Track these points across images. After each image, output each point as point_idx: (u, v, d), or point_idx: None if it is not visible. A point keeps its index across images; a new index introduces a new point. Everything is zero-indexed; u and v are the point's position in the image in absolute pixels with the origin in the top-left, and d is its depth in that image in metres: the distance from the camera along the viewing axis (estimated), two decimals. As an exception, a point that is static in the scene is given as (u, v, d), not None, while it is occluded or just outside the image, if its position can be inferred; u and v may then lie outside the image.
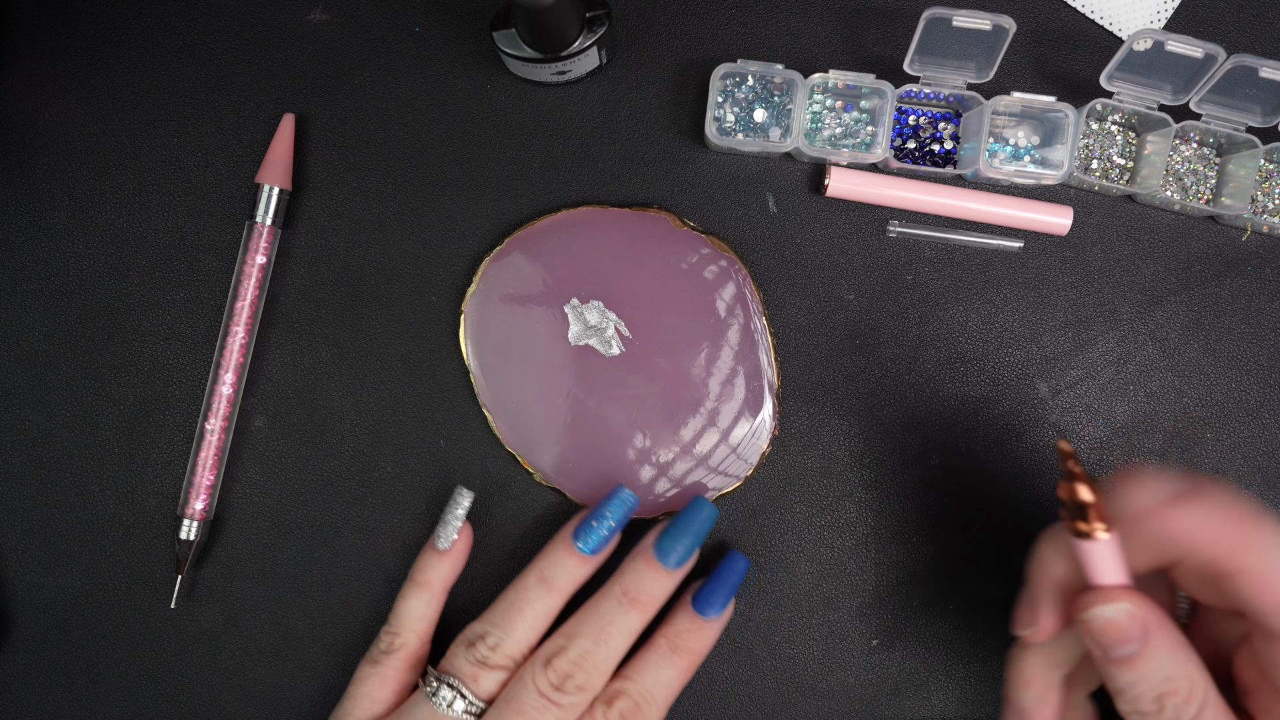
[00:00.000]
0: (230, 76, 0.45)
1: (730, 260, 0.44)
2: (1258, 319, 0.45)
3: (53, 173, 0.45)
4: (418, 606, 0.42)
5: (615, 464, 0.44)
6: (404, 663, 0.41)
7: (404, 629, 0.41)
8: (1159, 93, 0.43)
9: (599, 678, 0.39)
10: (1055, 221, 0.45)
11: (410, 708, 0.39)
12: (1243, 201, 0.43)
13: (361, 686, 0.41)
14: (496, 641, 0.40)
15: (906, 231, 0.45)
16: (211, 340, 0.45)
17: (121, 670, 0.45)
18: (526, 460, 0.44)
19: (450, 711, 0.39)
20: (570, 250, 0.44)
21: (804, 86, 0.43)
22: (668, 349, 0.44)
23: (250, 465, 0.45)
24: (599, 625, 0.40)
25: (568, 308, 0.44)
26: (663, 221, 0.44)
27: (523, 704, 0.38)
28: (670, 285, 0.44)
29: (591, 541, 0.41)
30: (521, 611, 0.40)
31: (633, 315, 0.44)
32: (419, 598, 0.42)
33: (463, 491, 0.42)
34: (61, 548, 0.45)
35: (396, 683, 0.41)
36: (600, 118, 0.45)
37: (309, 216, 0.45)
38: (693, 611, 0.41)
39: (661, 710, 0.40)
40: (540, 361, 0.44)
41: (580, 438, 0.44)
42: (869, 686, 0.45)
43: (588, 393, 0.44)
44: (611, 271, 0.44)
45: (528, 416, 0.44)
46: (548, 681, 0.38)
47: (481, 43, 0.46)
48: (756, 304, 0.44)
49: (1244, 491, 0.45)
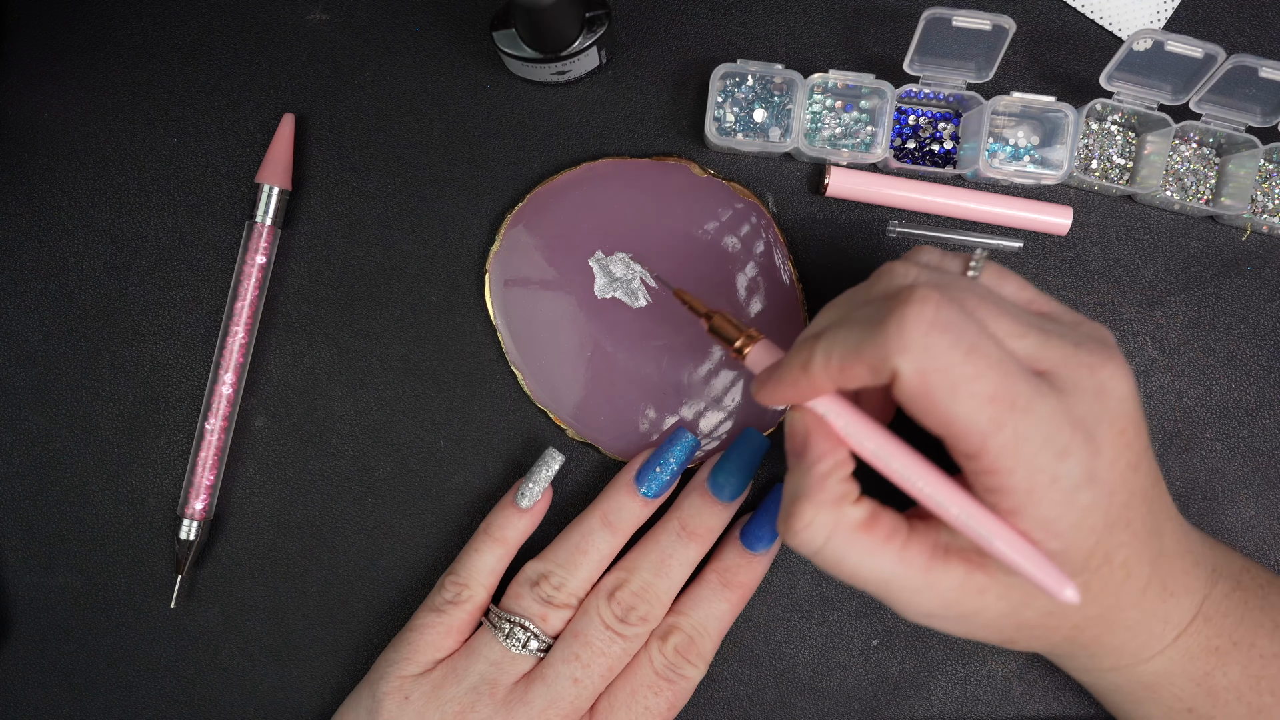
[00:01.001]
0: (230, 76, 0.45)
1: (753, 205, 0.44)
2: (1258, 319, 0.45)
3: (52, 173, 0.45)
4: (490, 561, 0.42)
5: (648, 417, 0.44)
6: (469, 614, 0.42)
7: (473, 581, 0.42)
8: (1159, 93, 0.43)
9: (660, 608, 0.41)
10: (1055, 221, 0.45)
11: (479, 647, 0.41)
12: (1242, 201, 0.43)
13: (425, 634, 0.41)
14: (561, 581, 0.41)
15: (906, 231, 0.45)
16: (211, 340, 0.45)
17: (121, 670, 0.45)
18: (558, 416, 0.44)
19: (525, 651, 0.40)
20: (592, 203, 0.44)
21: (804, 86, 0.43)
22: (696, 297, 0.44)
23: (250, 465, 0.45)
24: (658, 558, 0.41)
25: (592, 261, 0.44)
26: (684, 170, 0.44)
27: (590, 638, 0.40)
28: (694, 234, 0.44)
29: (654, 486, 0.42)
30: (586, 553, 0.41)
31: (658, 265, 0.44)
32: (493, 552, 0.42)
33: (554, 454, 0.42)
34: (61, 548, 0.45)
35: (460, 632, 0.42)
36: (600, 118, 0.45)
37: (309, 216, 0.45)
38: (741, 546, 0.42)
39: (715, 643, 0.42)
40: (567, 317, 0.44)
41: (612, 391, 0.44)
42: (869, 686, 0.45)
43: (617, 346, 0.44)
44: (635, 223, 0.44)
45: (557, 372, 0.44)
46: (612, 614, 0.40)
47: (481, 43, 0.46)
48: (782, 248, 0.44)
49: (1242, 491, 0.45)
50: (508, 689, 0.40)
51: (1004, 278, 0.36)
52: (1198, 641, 0.37)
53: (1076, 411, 0.31)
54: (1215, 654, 0.37)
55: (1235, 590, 0.38)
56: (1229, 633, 0.37)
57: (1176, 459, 0.45)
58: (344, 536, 0.45)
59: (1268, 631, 0.37)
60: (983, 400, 0.30)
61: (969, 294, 0.32)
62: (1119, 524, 0.33)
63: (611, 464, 0.45)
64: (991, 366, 0.30)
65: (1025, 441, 0.30)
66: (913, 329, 0.30)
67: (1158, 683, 0.38)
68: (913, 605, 0.33)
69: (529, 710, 0.40)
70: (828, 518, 0.32)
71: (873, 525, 0.33)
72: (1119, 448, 0.32)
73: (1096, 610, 0.34)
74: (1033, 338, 0.32)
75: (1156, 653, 0.37)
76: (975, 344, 0.30)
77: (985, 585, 0.33)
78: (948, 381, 0.30)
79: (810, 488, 0.33)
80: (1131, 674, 0.38)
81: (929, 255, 0.36)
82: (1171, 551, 0.36)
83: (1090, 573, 0.33)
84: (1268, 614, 0.38)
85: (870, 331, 0.31)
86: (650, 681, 0.41)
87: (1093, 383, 0.32)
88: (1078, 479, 0.31)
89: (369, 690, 0.41)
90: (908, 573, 0.33)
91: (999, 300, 0.33)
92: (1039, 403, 0.30)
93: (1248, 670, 0.37)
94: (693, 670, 0.41)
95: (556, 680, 0.40)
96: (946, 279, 0.33)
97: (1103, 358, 0.32)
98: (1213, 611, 0.37)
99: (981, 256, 0.36)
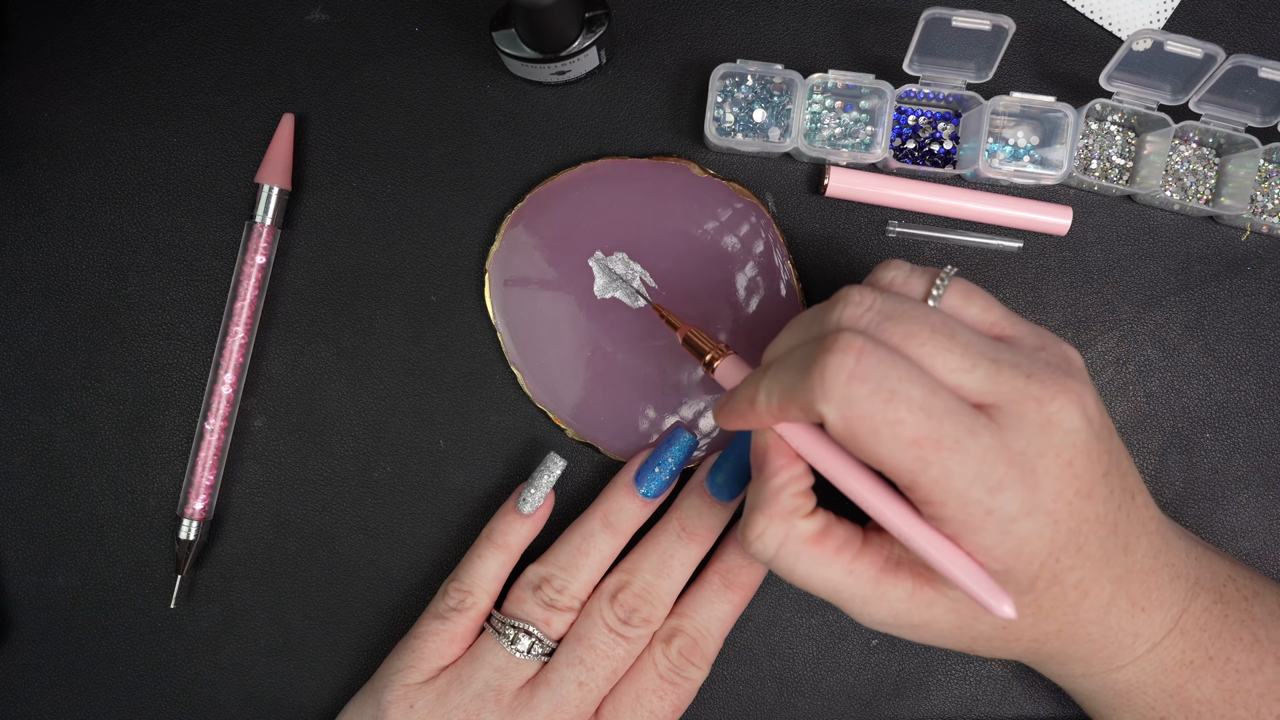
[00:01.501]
0: (230, 76, 0.45)
1: (753, 205, 0.44)
2: (1257, 319, 0.45)
3: (52, 173, 0.45)
4: (493, 568, 0.42)
5: (648, 417, 0.44)
6: (473, 621, 0.42)
7: (477, 588, 0.42)
8: (1158, 93, 0.43)
9: (662, 609, 0.41)
10: (1054, 221, 0.45)
11: (482, 653, 0.41)
12: (1242, 201, 0.43)
13: (429, 642, 0.41)
14: (563, 584, 0.41)
15: (906, 231, 0.45)
16: (211, 340, 0.45)
17: (121, 670, 0.45)
18: (558, 416, 0.44)
19: (529, 656, 0.40)
20: (592, 203, 0.44)
21: (803, 86, 0.43)
22: (695, 297, 0.44)
23: (250, 465, 0.45)
24: (659, 559, 0.41)
25: (592, 261, 0.44)
26: (683, 170, 0.44)
27: (593, 641, 0.40)
28: (694, 233, 0.44)
29: (653, 486, 0.42)
30: (587, 555, 0.41)
31: (658, 265, 0.44)
32: (496, 559, 0.42)
33: (555, 459, 0.42)
34: (61, 548, 0.45)
35: (465, 639, 0.42)
36: (600, 118, 0.45)
37: (309, 216, 0.45)
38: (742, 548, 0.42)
39: (718, 644, 0.42)
40: (567, 317, 0.44)
41: (612, 391, 0.44)
42: (869, 686, 0.45)
43: (616, 346, 0.44)
44: (634, 223, 0.44)
45: (557, 372, 0.44)
46: (615, 616, 0.40)
47: (481, 43, 0.46)
48: (781, 248, 0.44)
49: (1242, 491, 0.45)
50: (513, 694, 0.40)
51: (970, 298, 0.35)
52: (1172, 655, 0.37)
53: (1015, 446, 0.32)
54: (1189, 667, 0.37)
55: (1216, 603, 0.38)
56: (1205, 646, 0.37)
57: (1176, 459, 0.45)
58: (344, 536, 0.45)
59: (1245, 646, 0.37)
60: (904, 443, 0.31)
61: (916, 326, 0.32)
62: (1068, 549, 0.33)
63: (611, 464, 0.45)
64: (913, 410, 0.31)
65: (955, 478, 0.31)
66: (833, 379, 0.31)
67: (1131, 691, 0.38)
68: (864, 614, 0.35)
69: (534, 715, 0.40)
70: (778, 529, 0.34)
71: (823, 538, 0.34)
72: (1064, 479, 0.32)
73: (1054, 626, 0.35)
74: (981, 371, 0.32)
75: (1127, 663, 0.37)
76: (896, 390, 0.31)
77: (933, 599, 0.34)
78: (870, 426, 0.31)
79: (764, 501, 0.34)
80: (1104, 680, 0.38)
81: (895, 272, 0.36)
82: (1144, 568, 0.36)
83: (1039, 592, 0.33)
84: (1247, 628, 0.38)
85: (799, 378, 0.32)
86: (655, 685, 0.41)
87: (1039, 416, 0.32)
88: (1014, 511, 0.32)
89: (373, 698, 0.41)
90: (857, 583, 0.34)
91: (952, 331, 0.33)
92: (969, 441, 0.31)
93: (1222, 684, 0.37)
94: (696, 672, 0.41)
95: (561, 684, 0.40)
96: (897, 308, 0.33)
97: (1054, 389, 0.32)
98: (1190, 625, 0.37)
99: (949, 275, 0.35)
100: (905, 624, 0.35)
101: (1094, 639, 0.36)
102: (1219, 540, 0.45)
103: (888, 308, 0.33)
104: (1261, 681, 0.37)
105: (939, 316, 0.33)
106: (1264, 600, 0.39)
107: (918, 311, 0.33)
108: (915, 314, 0.33)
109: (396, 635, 0.44)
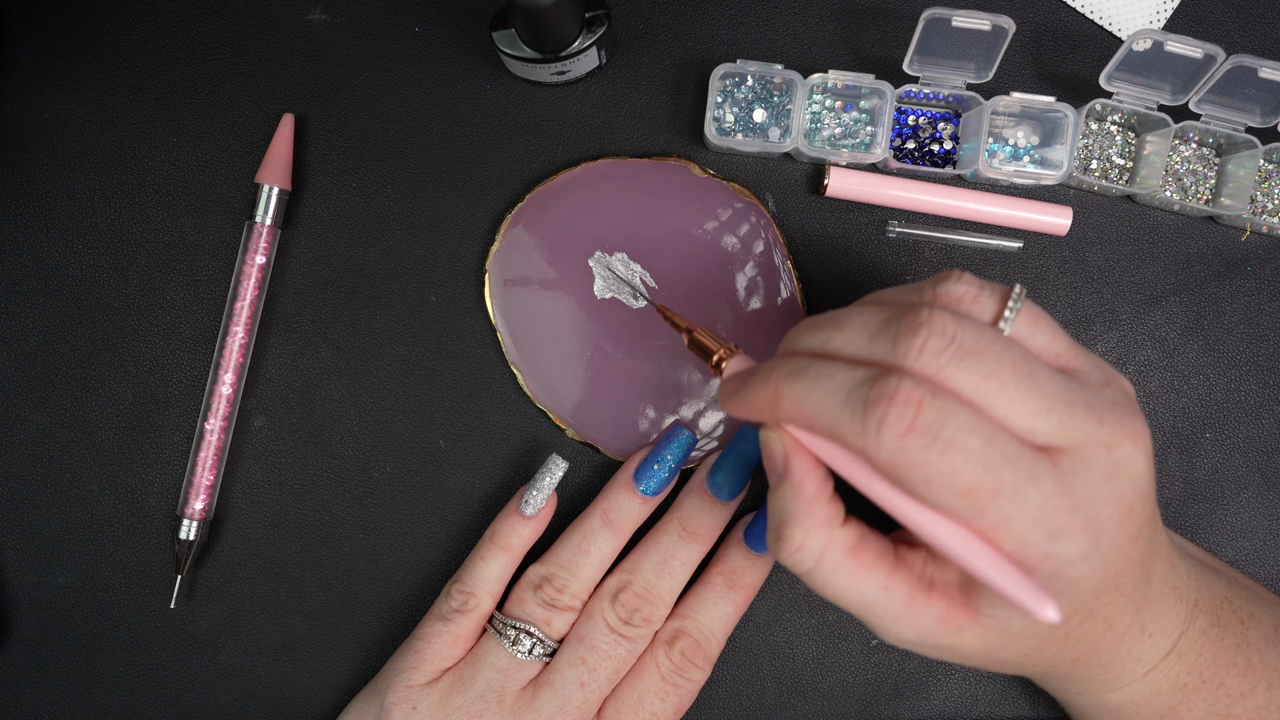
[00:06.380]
0: (230, 76, 0.46)
1: (753, 205, 0.44)
2: (1257, 319, 0.45)
3: (53, 173, 0.45)
4: (496, 569, 0.42)
5: (648, 417, 0.44)
6: (476, 622, 0.42)
7: (479, 590, 0.42)
8: (1158, 93, 0.43)
9: (664, 609, 0.41)
10: (1054, 222, 0.45)
11: (484, 655, 0.41)
12: (1242, 202, 0.43)
13: (431, 643, 0.41)
14: (564, 584, 0.41)
15: (906, 232, 0.45)
16: (211, 340, 0.45)
17: (121, 670, 0.45)
18: (557, 416, 0.44)
19: (530, 656, 0.40)
20: (592, 204, 0.44)
21: (803, 86, 0.43)
22: (695, 297, 0.44)
23: (250, 465, 0.45)
24: (660, 559, 0.41)
25: (592, 261, 0.44)
26: (683, 171, 0.44)
27: (595, 641, 0.40)
28: (694, 234, 0.44)
29: (653, 484, 0.42)
30: (588, 554, 0.41)
31: (658, 265, 0.44)
32: (499, 561, 0.42)
33: (557, 460, 0.42)
34: (61, 548, 0.45)
35: (467, 641, 0.42)
36: (600, 118, 0.45)
37: (308, 216, 0.45)
38: (745, 547, 0.42)
39: (720, 645, 0.42)
40: (567, 317, 0.44)
41: (612, 391, 0.44)
42: (869, 686, 0.45)
43: (616, 345, 0.44)
44: (634, 223, 0.44)
45: (557, 372, 0.44)
46: (616, 617, 0.40)
47: (481, 43, 0.46)
48: (781, 248, 0.44)
49: (1242, 491, 0.45)
50: (515, 695, 0.40)
51: (1038, 325, 0.33)
52: (1167, 678, 0.37)
53: (1080, 492, 0.30)
54: (1183, 690, 0.37)
55: (1213, 626, 0.38)
56: (1200, 670, 0.37)
57: (1176, 459, 0.45)
58: (344, 536, 0.45)
59: (1239, 670, 0.37)
60: (958, 493, 0.30)
61: (998, 366, 0.30)
62: (1109, 589, 0.32)
63: (611, 464, 0.45)
64: (969, 461, 0.29)
65: (1012, 524, 0.30)
66: (889, 433, 0.29)
67: (1124, 710, 0.38)
68: (891, 632, 0.33)
69: (536, 716, 0.40)
70: (819, 539, 0.32)
71: (860, 549, 0.33)
72: (1123, 525, 0.31)
73: (1073, 655, 0.35)
74: (1056, 415, 0.30)
75: (1125, 685, 0.37)
76: (953, 440, 0.29)
77: (964, 624, 0.33)
78: (922, 475, 0.30)
79: (799, 511, 0.32)
80: (1099, 699, 0.38)
81: (966, 288, 0.33)
82: (1156, 593, 0.36)
83: (1071, 626, 0.33)
84: (1241, 652, 0.38)
85: (849, 415, 0.30)
86: (657, 687, 0.41)
87: (1107, 462, 0.31)
88: (1072, 557, 0.30)
89: (376, 699, 0.41)
90: (890, 600, 0.32)
91: (1031, 370, 0.31)
92: (1029, 489, 0.30)
93: (1213, 708, 0.37)
94: (699, 673, 0.41)
95: (563, 685, 0.40)
96: (978, 343, 0.30)
97: (1123, 433, 0.31)
98: (1187, 649, 0.37)
99: (1020, 297, 0.33)
100: (930, 645, 0.33)
101: (1103, 664, 0.36)
102: (1219, 540, 0.45)
103: (969, 342, 0.30)
104: (1252, 707, 0.37)
105: (1019, 353, 0.31)
106: (1259, 624, 0.39)
107: (997, 347, 0.30)
108: (996, 351, 0.30)
109: (397, 635, 0.44)
